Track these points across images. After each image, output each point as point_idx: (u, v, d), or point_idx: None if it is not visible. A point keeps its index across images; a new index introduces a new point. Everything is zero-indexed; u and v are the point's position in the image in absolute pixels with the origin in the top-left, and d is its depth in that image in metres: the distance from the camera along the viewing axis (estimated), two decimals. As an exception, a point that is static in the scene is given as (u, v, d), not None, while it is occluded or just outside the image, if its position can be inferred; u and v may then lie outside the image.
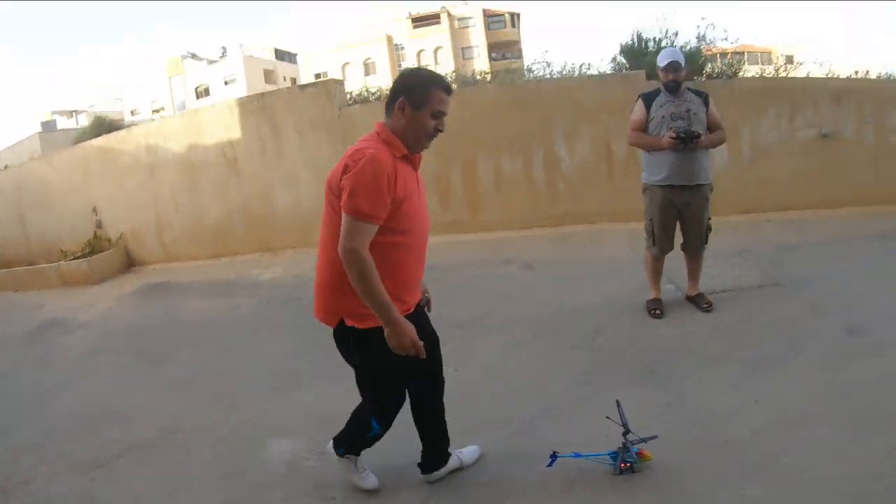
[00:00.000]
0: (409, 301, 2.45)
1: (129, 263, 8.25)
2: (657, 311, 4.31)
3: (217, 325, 5.26)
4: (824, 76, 7.56)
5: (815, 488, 2.53)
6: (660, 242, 4.27)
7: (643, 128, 4.16)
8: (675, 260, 4.50)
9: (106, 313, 6.19)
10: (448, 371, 3.83)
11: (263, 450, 3.27)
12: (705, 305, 4.30)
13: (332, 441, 2.82)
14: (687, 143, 3.94)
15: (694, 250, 4.34)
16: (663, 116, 4.08)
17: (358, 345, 2.41)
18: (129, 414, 3.81)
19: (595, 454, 2.76)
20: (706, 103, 4.15)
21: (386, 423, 2.69)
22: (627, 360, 3.83)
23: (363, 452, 2.83)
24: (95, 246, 8.31)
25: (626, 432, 2.71)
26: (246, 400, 3.84)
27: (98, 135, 8.97)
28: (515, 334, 4.35)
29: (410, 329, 2.26)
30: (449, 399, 3.47)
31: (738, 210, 6.32)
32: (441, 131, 2.37)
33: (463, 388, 3.66)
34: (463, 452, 2.90)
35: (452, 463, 2.84)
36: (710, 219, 4.27)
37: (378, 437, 2.72)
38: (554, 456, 2.72)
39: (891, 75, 8.38)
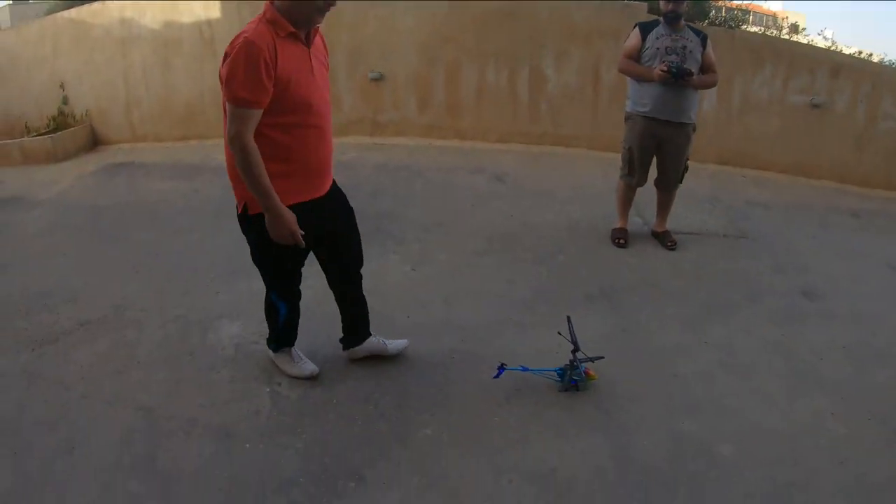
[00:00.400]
0: (318, 184, 2.45)
1: (95, 142, 7.93)
2: (621, 241, 4.31)
3: (178, 208, 5.13)
4: (827, 48, 7.44)
5: (750, 434, 2.62)
6: (635, 173, 4.22)
7: (636, 56, 4.04)
8: (646, 195, 4.50)
9: (66, 191, 5.97)
10: (406, 270, 3.87)
11: (213, 332, 3.25)
12: (669, 243, 4.31)
13: (266, 341, 2.91)
14: (678, 78, 3.85)
15: (667, 187, 4.31)
16: (658, 49, 3.96)
17: (248, 227, 2.44)
18: (82, 292, 3.71)
19: (542, 369, 2.79)
20: (704, 43, 4.03)
21: (290, 303, 2.72)
22: (585, 282, 3.84)
23: (306, 342, 2.89)
24: (60, 123, 7.93)
25: (575, 350, 2.73)
26: (200, 282, 3.78)
27: (71, 7, 8.45)
28: (477, 243, 4.32)
29: (289, 219, 2.26)
30: (403, 296, 3.50)
31: (717, 159, 6.29)
32: (333, 5, 2.22)
33: (419, 289, 3.69)
34: (391, 342, 2.95)
35: (373, 345, 2.90)
36: (688, 159, 4.23)
37: (289, 319, 2.76)
38: (501, 368, 2.74)
39: (893, 63, 8.31)
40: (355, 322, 2.86)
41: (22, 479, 2.33)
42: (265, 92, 2.12)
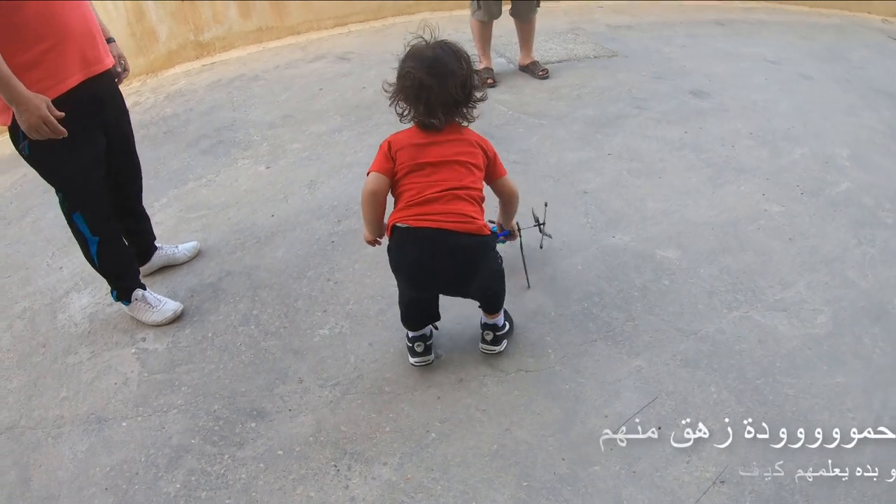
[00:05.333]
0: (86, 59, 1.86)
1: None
2: (490, 81, 3.72)
3: None
4: None
5: (688, 231, 2.39)
6: (485, 6, 3.58)
7: None
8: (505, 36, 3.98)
9: None
10: (259, 170, 3.21)
11: (63, 311, 2.51)
12: (541, 73, 3.77)
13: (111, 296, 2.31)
14: None
15: (525, 13, 3.69)
16: None
17: (19, 139, 1.85)
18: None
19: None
20: None
21: (102, 234, 2.09)
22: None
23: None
24: None
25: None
26: (39, 264, 2.99)
27: None
28: (331, 122, 3.64)
29: (38, 105, 1.69)
30: (262, 195, 2.90)
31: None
32: None
33: (278, 184, 3.04)
34: (179, 248, 2.52)
35: (159, 258, 2.48)
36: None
37: (103, 245, 2.11)
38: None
39: None
40: (137, 239, 2.40)
41: None
42: None
